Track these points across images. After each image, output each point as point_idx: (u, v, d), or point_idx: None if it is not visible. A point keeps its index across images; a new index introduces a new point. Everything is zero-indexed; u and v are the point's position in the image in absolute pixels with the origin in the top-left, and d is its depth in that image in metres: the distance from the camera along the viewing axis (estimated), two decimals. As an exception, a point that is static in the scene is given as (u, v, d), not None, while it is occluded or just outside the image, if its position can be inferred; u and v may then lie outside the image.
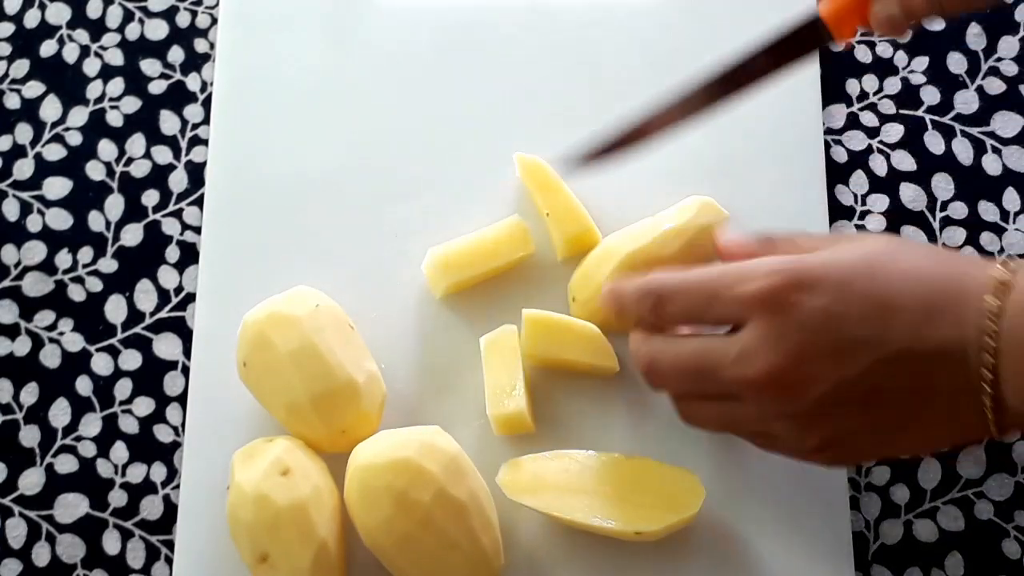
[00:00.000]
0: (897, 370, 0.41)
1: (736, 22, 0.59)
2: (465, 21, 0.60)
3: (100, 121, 0.60)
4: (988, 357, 0.40)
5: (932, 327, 0.41)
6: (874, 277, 0.42)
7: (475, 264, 0.54)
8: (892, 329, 0.41)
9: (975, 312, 0.40)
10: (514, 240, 0.54)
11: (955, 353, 0.40)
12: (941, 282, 0.42)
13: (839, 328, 0.42)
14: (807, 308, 0.42)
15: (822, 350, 0.42)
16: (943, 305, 0.41)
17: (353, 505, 0.48)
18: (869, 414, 0.42)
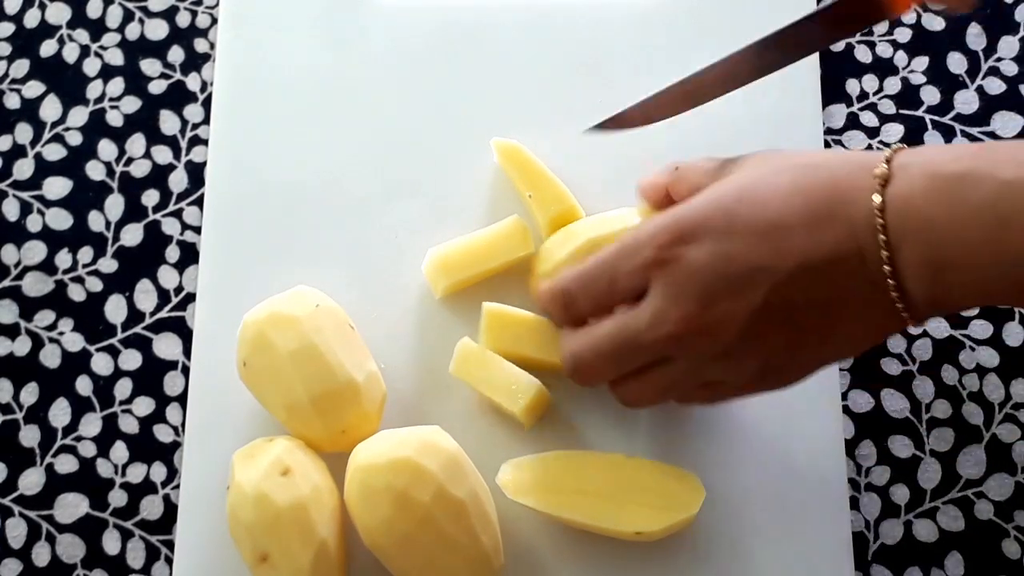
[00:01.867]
0: (800, 285, 0.42)
1: (736, 22, 0.59)
2: (465, 21, 0.60)
3: (100, 121, 0.60)
4: (884, 252, 0.40)
5: (822, 236, 0.42)
6: (753, 204, 0.43)
7: (475, 264, 0.54)
8: (782, 249, 0.42)
9: (863, 212, 0.41)
10: (514, 240, 0.54)
11: (852, 256, 0.41)
12: (823, 191, 0.42)
13: (730, 263, 0.43)
14: (695, 256, 0.43)
15: (722, 289, 0.43)
16: (829, 213, 0.42)
17: (353, 505, 0.48)
18: (790, 331, 0.43)
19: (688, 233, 0.44)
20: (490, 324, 0.53)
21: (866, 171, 0.41)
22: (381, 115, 0.59)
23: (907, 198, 0.40)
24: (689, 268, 0.43)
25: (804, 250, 0.42)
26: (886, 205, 0.40)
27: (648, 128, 0.57)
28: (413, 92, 0.59)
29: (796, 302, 0.42)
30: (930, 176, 0.40)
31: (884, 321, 0.43)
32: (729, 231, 0.43)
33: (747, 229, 0.43)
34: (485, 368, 0.52)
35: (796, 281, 0.42)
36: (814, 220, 0.42)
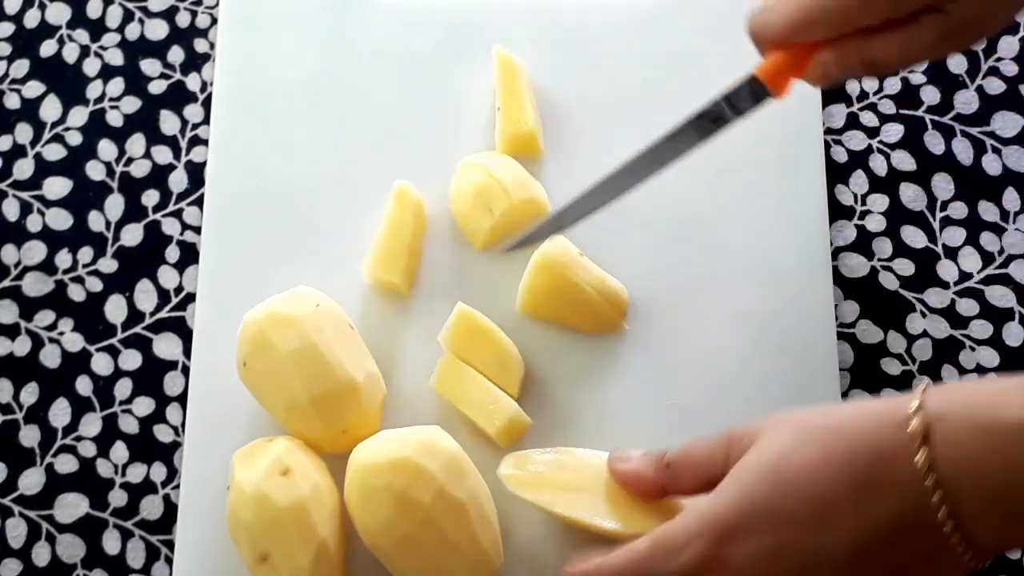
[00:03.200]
0: (862, 561, 0.40)
1: (735, 23, 0.59)
2: (465, 21, 0.60)
3: (100, 121, 0.60)
4: (943, 511, 0.38)
5: (872, 508, 0.39)
6: (789, 488, 0.40)
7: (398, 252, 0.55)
8: (835, 532, 0.40)
9: (907, 474, 0.38)
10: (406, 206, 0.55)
11: (909, 519, 0.39)
12: (862, 460, 0.40)
13: (784, 561, 0.40)
14: (740, 559, 0.40)
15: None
16: (874, 483, 0.39)
17: (353, 505, 0.48)
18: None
19: (729, 535, 0.41)
20: (458, 326, 0.53)
21: (899, 427, 0.39)
22: (381, 115, 0.59)
23: (957, 453, 0.38)
24: (736, 573, 0.40)
25: (858, 527, 0.39)
26: (935, 463, 0.38)
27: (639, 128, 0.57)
28: (413, 92, 0.59)
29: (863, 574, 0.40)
30: (981, 430, 0.38)
31: (953, 567, 0.40)
32: (773, 525, 0.40)
33: (792, 518, 0.40)
34: (464, 385, 0.52)
35: (857, 559, 0.39)
36: (859, 492, 0.39)
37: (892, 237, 0.57)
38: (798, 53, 0.46)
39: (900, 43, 0.44)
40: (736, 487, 0.42)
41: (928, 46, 0.44)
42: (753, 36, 0.47)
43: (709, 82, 0.58)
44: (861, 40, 0.45)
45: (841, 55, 0.45)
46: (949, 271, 0.57)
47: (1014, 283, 0.56)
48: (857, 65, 0.45)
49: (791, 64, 0.46)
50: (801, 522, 0.40)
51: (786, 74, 0.47)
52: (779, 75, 0.47)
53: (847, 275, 0.57)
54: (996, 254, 0.57)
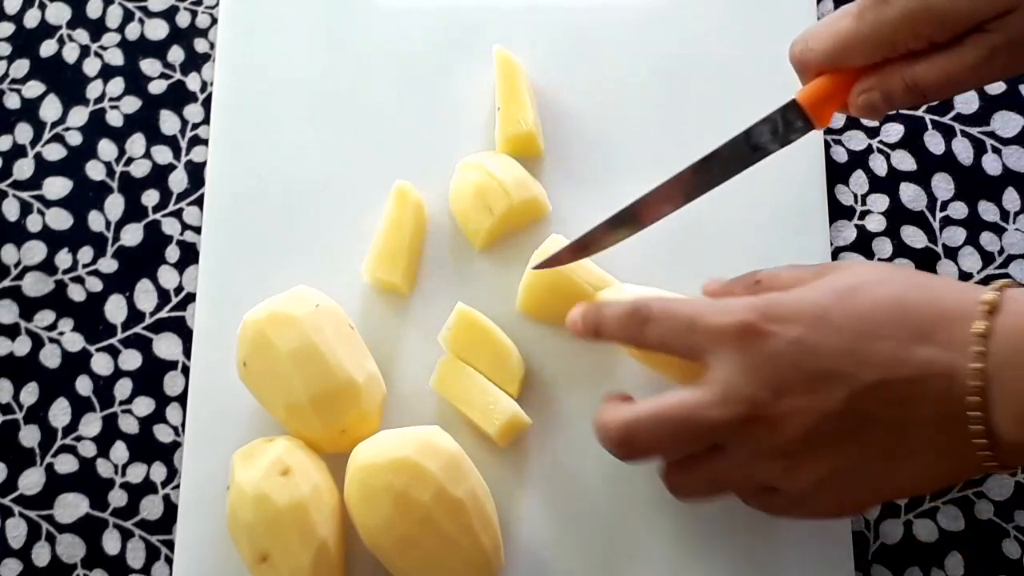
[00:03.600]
0: (878, 398, 0.41)
1: (735, 22, 0.59)
2: (465, 21, 0.60)
3: (100, 121, 0.60)
4: (976, 382, 0.39)
5: (914, 352, 0.40)
6: (852, 307, 0.42)
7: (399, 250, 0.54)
8: (869, 358, 0.41)
9: (961, 335, 0.40)
10: (406, 206, 0.55)
11: (938, 378, 0.40)
12: (924, 308, 0.41)
13: (814, 358, 0.42)
14: (780, 338, 0.42)
15: (798, 382, 0.42)
16: (927, 332, 0.41)
17: (353, 505, 0.48)
18: (857, 446, 0.42)
19: (779, 315, 0.43)
20: (458, 326, 0.53)
21: (976, 300, 0.40)
22: (381, 115, 0.59)
23: (1012, 340, 0.39)
24: (771, 349, 0.42)
25: (890, 362, 0.41)
26: (992, 332, 0.39)
27: (639, 129, 0.58)
28: (413, 92, 0.59)
29: (870, 415, 0.41)
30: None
31: (960, 459, 0.41)
32: (820, 325, 0.42)
33: (838, 328, 0.42)
34: (464, 385, 0.52)
35: (875, 393, 0.41)
36: (910, 335, 0.41)
37: (892, 237, 0.57)
38: (840, 80, 0.46)
39: (945, 66, 0.43)
40: (805, 291, 0.44)
41: (975, 68, 0.43)
42: (796, 62, 0.47)
43: (709, 82, 0.58)
44: (904, 65, 0.44)
45: (884, 81, 0.45)
46: (949, 271, 0.57)
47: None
48: (901, 91, 0.45)
49: (833, 90, 0.46)
50: (845, 337, 0.42)
51: (829, 102, 0.46)
52: (822, 102, 0.46)
53: (847, 275, 0.57)
54: (996, 254, 0.57)
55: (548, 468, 0.53)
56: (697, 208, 0.56)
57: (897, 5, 0.43)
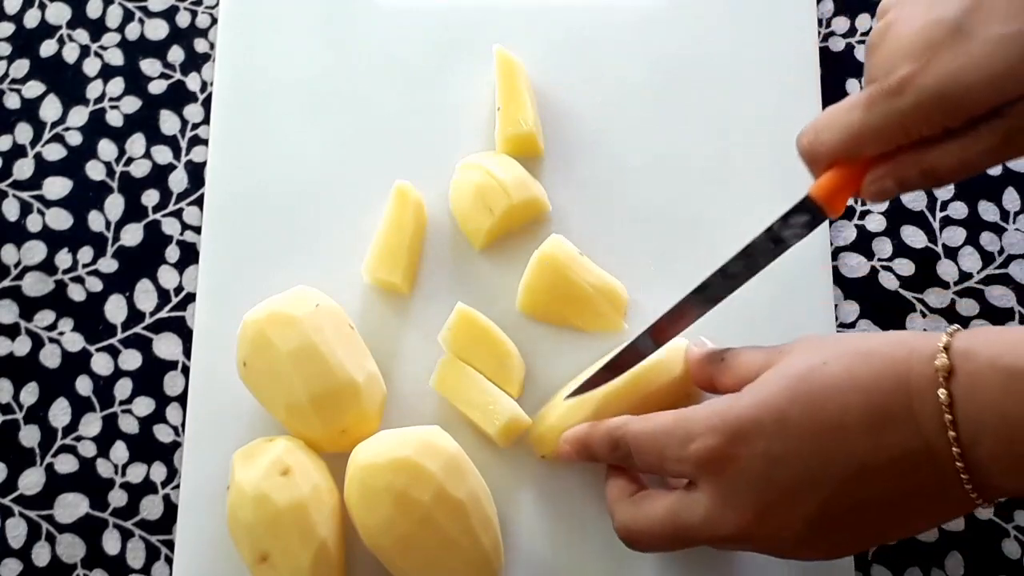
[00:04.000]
0: (863, 486, 0.41)
1: (735, 22, 0.59)
2: (465, 21, 0.60)
3: (100, 121, 0.60)
4: (955, 449, 0.39)
5: (885, 438, 0.40)
6: (809, 403, 0.42)
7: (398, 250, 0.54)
8: (840, 454, 0.41)
9: (928, 408, 0.39)
10: (406, 206, 0.55)
11: (919, 454, 0.40)
12: (883, 386, 0.41)
13: (784, 469, 0.42)
14: (749, 460, 0.42)
15: (777, 497, 0.42)
16: (891, 412, 0.40)
17: (353, 505, 0.48)
18: (855, 527, 0.42)
19: (741, 434, 0.42)
20: (458, 326, 0.53)
21: (924, 361, 0.40)
22: (381, 115, 0.59)
23: (978, 393, 0.39)
24: (742, 473, 0.42)
25: (864, 454, 0.40)
26: (954, 400, 0.39)
27: (639, 129, 0.58)
28: (413, 92, 0.59)
29: (859, 503, 0.41)
30: (1004, 372, 0.38)
31: (957, 507, 0.41)
32: (782, 434, 0.42)
33: (801, 432, 0.41)
34: (463, 385, 0.52)
35: (858, 484, 0.41)
36: (874, 420, 0.40)
37: (892, 237, 0.57)
38: (852, 170, 0.45)
39: (960, 152, 0.42)
40: (759, 390, 0.43)
41: (990, 153, 0.42)
42: (805, 155, 0.46)
43: (709, 82, 0.58)
44: (918, 152, 0.43)
45: (897, 169, 0.44)
46: (949, 271, 0.57)
47: (1014, 283, 0.56)
48: (915, 178, 0.43)
49: (846, 182, 0.45)
50: (811, 435, 0.41)
51: (842, 193, 0.45)
52: (834, 195, 0.45)
53: (847, 275, 0.57)
54: (996, 254, 0.57)
55: (548, 468, 0.53)
56: (698, 210, 0.56)
57: (910, 96, 0.41)
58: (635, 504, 0.47)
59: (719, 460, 0.43)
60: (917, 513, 0.42)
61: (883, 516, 0.42)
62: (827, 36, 0.60)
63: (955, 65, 0.40)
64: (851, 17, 0.60)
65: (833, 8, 0.61)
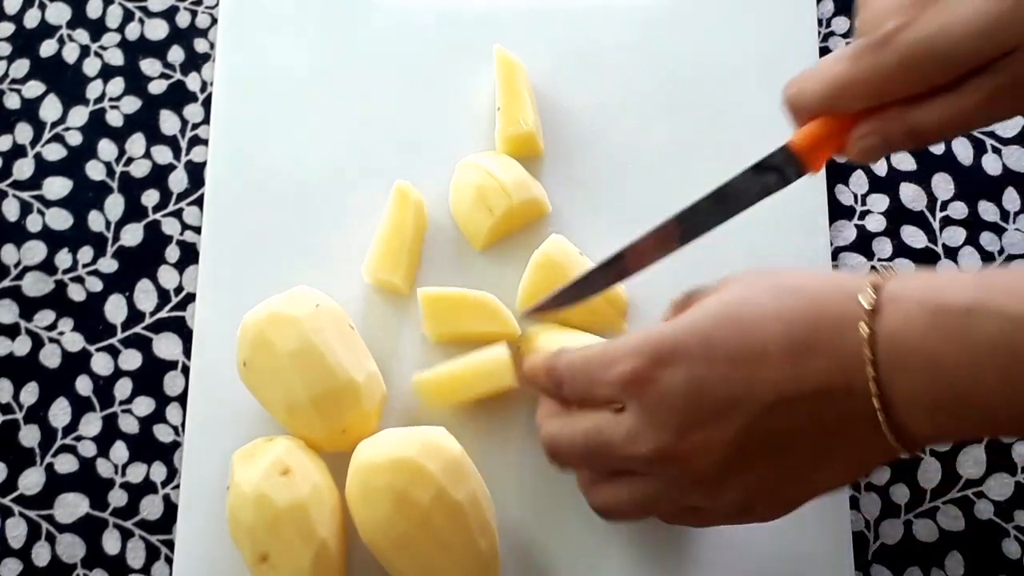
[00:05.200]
0: (781, 416, 0.40)
1: (736, 24, 0.59)
2: (464, 21, 0.60)
3: (100, 121, 0.60)
4: (873, 386, 0.39)
5: (805, 368, 0.40)
6: (731, 329, 0.41)
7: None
8: (760, 380, 0.40)
9: (850, 343, 0.39)
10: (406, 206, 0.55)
11: (838, 389, 0.39)
12: (808, 319, 0.40)
13: (706, 392, 0.41)
14: (670, 381, 0.42)
15: (697, 418, 0.41)
16: (812, 343, 0.40)
17: (353, 503, 0.48)
18: (773, 462, 0.42)
19: (664, 356, 0.42)
20: (429, 309, 0.53)
21: (853, 299, 0.39)
22: (381, 115, 0.59)
23: (902, 331, 0.38)
24: (663, 393, 0.42)
25: (784, 382, 0.40)
26: (877, 337, 0.38)
27: (639, 129, 0.58)
28: (413, 92, 0.59)
29: (778, 433, 0.41)
30: (930, 310, 0.38)
31: (877, 451, 0.41)
32: (706, 356, 0.41)
33: (724, 356, 0.41)
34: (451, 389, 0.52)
35: (777, 413, 0.40)
36: (796, 350, 0.40)
37: (892, 237, 0.57)
38: (836, 124, 0.44)
39: (946, 108, 0.42)
40: (687, 317, 0.43)
41: (977, 111, 0.42)
42: (789, 105, 0.45)
43: (709, 82, 0.58)
44: (904, 109, 0.43)
45: (882, 125, 0.43)
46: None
47: (1014, 283, 0.56)
48: (901, 136, 0.43)
49: (829, 135, 0.44)
50: (733, 362, 0.41)
51: (823, 147, 0.44)
52: (816, 147, 0.44)
53: (847, 275, 0.57)
54: (996, 254, 0.57)
55: (549, 471, 0.53)
56: (697, 208, 0.56)
57: (896, 48, 0.41)
58: (562, 418, 0.47)
59: (642, 381, 0.42)
60: (836, 453, 0.41)
61: (802, 452, 0.41)
62: (827, 36, 0.60)
63: (941, 20, 0.41)
64: (851, 17, 0.60)
65: (833, 8, 0.61)
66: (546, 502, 0.52)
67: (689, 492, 0.43)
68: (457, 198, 0.55)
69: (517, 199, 0.54)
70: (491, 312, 0.53)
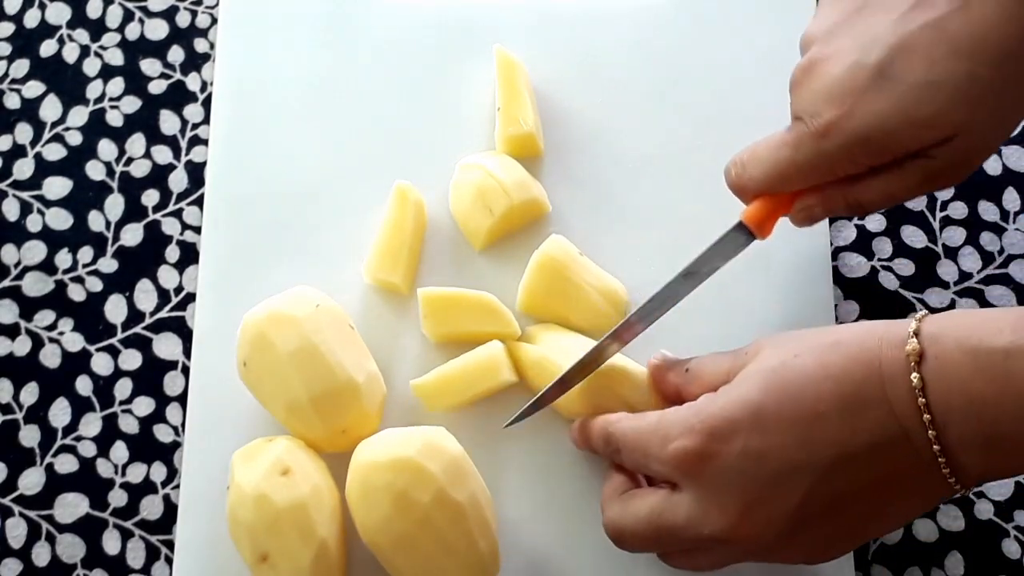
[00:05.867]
0: (843, 475, 0.41)
1: (735, 23, 0.59)
2: (465, 21, 0.60)
3: (100, 121, 0.60)
4: (931, 432, 0.39)
5: (860, 423, 0.40)
6: (781, 395, 0.42)
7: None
8: (818, 443, 0.41)
9: (901, 392, 0.40)
10: (406, 206, 0.55)
11: (896, 438, 0.40)
12: (856, 373, 0.41)
13: (764, 464, 0.42)
14: (727, 458, 0.42)
15: (758, 493, 0.42)
16: (863, 396, 0.40)
17: (353, 502, 0.48)
18: (838, 519, 0.42)
19: (717, 433, 0.42)
20: (429, 309, 0.53)
21: (894, 346, 0.40)
22: (381, 115, 0.59)
23: (947, 375, 0.39)
24: (722, 471, 0.42)
25: (842, 439, 0.40)
26: (926, 383, 0.39)
27: (639, 129, 0.58)
28: (413, 92, 0.59)
29: (841, 492, 0.41)
30: (971, 353, 0.39)
31: (935, 492, 0.41)
32: (760, 425, 0.42)
33: (778, 425, 0.41)
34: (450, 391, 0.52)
35: (837, 472, 0.41)
36: (849, 406, 0.40)
37: (892, 237, 0.57)
38: (781, 198, 0.47)
39: (885, 187, 0.45)
40: (733, 388, 0.43)
41: (912, 189, 0.44)
42: (733, 186, 0.48)
43: (709, 82, 0.58)
44: (845, 186, 0.45)
45: (825, 199, 0.46)
46: (949, 271, 0.57)
47: (1014, 283, 0.56)
48: (842, 208, 0.46)
49: (774, 209, 0.47)
50: (787, 429, 0.41)
51: (771, 218, 0.47)
52: (763, 221, 0.47)
53: (847, 275, 0.57)
54: (996, 254, 0.57)
55: (550, 472, 0.53)
56: (698, 210, 0.56)
57: (836, 140, 0.43)
58: (623, 502, 0.47)
59: (698, 460, 0.43)
60: (897, 501, 0.42)
61: (864, 505, 0.42)
62: (827, 36, 0.60)
63: (879, 110, 0.42)
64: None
65: (833, 8, 0.61)
66: (546, 502, 0.52)
67: (755, 558, 0.44)
68: (457, 198, 0.55)
69: (517, 199, 0.54)
70: (491, 311, 0.53)
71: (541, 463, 0.53)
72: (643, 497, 0.46)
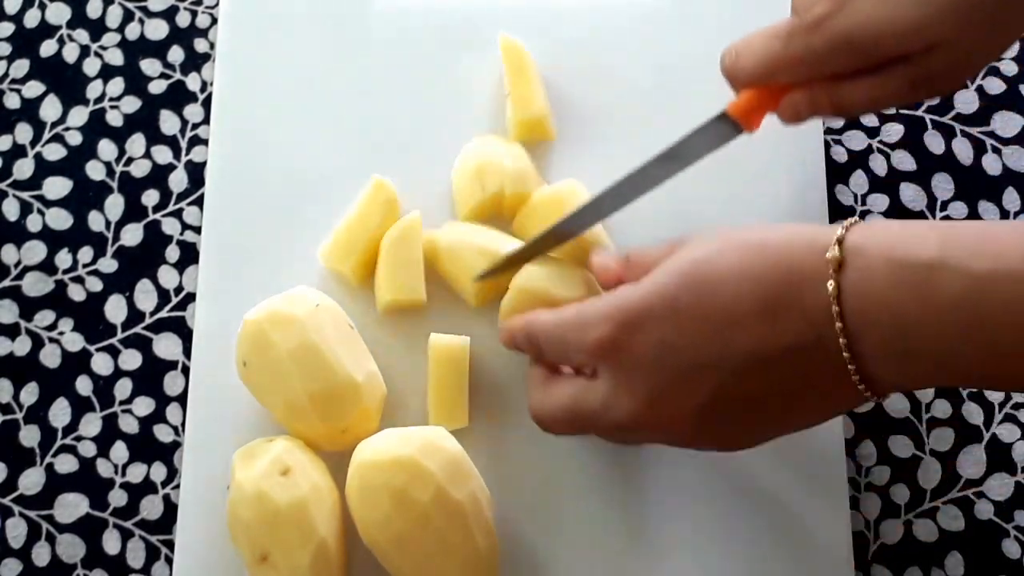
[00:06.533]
0: (754, 375, 0.41)
1: (736, 22, 0.59)
2: (465, 21, 0.60)
3: (100, 121, 0.60)
4: (843, 340, 0.39)
5: (775, 327, 0.40)
6: (699, 290, 0.42)
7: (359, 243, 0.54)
8: (730, 342, 0.41)
9: (818, 299, 0.40)
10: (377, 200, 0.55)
11: (809, 345, 0.40)
12: (774, 276, 0.41)
13: (675, 357, 0.42)
14: (641, 348, 0.43)
15: (668, 385, 0.42)
16: (781, 301, 0.40)
17: (353, 501, 0.48)
18: (748, 416, 0.43)
19: (634, 322, 0.43)
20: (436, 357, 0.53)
21: (818, 253, 0.40)
22: (381, 115, 0.59)
23: (867, 285, 0.39)
24: (634, 359, 0.43)
25: (756, 343, 0.41)
26: (843, 291, 0.39)
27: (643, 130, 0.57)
28: (413, 92, 0.59)
29: (751, 392, 0.42)
30: (896, 264, 0.39)
31: (848, 398, 0.42)
32: (674, 320, 0.42)
33: (692, 319, 0.42)
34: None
35: (749, 374, 0.41)
36: (766, 310, 0.41)
37: (892, 237, 0.57)
38: (770, 92, 0.47)
39: (869, 90, 0.45)
40: (652, 281, 0.44)
41: (897, 94, 0.45)
42: (726, 73, 0.48)
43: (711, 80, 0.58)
44: (831, 85, 0.46)
45: (811, 97, 0.47)
46: (949, 271, 0.57)
47: (1014, 283, 0.56)
48: (827, 107, 0.46)
49: (763, 102, 0.48)
50: (702, 324, 0.42)
51: (758, 111, 0.48)
52: (751, 113, 0.48)
53: (847, 275, 0.57)
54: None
55: (550, 472, 0.53)
56: (697, 207, 0.56)
57: (824, 36, 0.44)
58: (545, 388, 0.48)
59: (614, 348, 0.43)
60: (808, 404, 0.42)
61: (775, 405, 0.42)
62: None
63: (867, 10, 0.43)
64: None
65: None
66: (546, 502, 0.52)
67: (667, 443, 0.45)
68: (458, 191, 0.56)
69: (511, 179, 0.54)
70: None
71: (541, 463, 0.53)
72: (563, 384, 0.47)
